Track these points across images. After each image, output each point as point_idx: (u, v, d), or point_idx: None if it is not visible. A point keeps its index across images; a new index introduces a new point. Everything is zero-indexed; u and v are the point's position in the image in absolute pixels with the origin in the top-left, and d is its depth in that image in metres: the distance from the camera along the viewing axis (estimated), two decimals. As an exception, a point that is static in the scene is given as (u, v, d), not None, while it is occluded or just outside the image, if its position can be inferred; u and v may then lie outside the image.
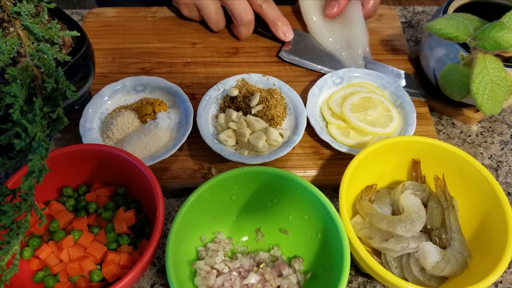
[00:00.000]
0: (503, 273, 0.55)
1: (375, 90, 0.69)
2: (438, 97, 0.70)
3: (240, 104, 0.66)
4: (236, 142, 0.64)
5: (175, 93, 0.66)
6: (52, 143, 0.64)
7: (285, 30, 0.74)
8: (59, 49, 0.52)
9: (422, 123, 0.68)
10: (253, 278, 0.51)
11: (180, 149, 0.63)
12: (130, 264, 0.51)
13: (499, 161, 0.68)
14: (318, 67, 0.74)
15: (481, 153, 0.69)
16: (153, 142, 0.61)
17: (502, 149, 0.69)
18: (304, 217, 0.54)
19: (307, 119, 0.64)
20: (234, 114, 0.64)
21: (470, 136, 0.70)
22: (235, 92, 0.66)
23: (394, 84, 0.69)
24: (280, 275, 0.53)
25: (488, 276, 0.46)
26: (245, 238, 0.57)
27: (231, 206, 0.56)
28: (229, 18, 0.76)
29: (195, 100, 0.68)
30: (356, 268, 0.57)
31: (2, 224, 0.42)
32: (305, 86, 0.72)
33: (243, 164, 0.61)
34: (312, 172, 0.63)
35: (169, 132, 0.63)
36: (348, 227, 0.49)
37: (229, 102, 0.67)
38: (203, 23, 0.79)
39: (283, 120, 0.66)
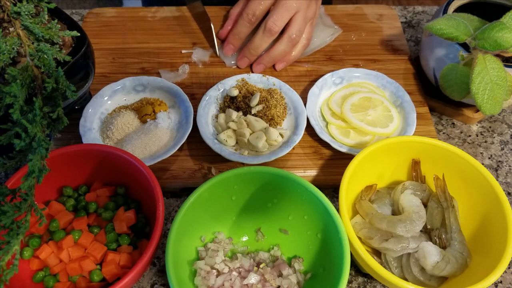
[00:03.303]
0: (503, 273, 0.55)
1: (375, 90, 0.69)
2: (438, 97, 0.70)
3: (240, 104, 0.66)
4: (236, 142, 0.64)
5: (175, 93, 0.66)
6: (52, 143, 0.64)
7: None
8: (59, 49, 0.52)
9: (422, 123, 0.68)
10: (253, 278, 0.51)
11: (180, 149, 0.63)
12: (130, 264, 0.51)
13: (499, 161, 0.68)
14: None
15: (481, 153, 0.69)
16: (153, 142, 0.61)
17: (502, 149, 0.69)
18: (304, 217, 0.54)
19: (307, 119, 0.64)
20: (234, 114, 0.64)
21: (470, 136, 0.70)
22: (235, 92, 0.66)
23: (394, 84, 0.69)
24: (280, 275, 0.53)
25: (488, 276, 0.46)
26: (245, 238, 0.57)
27: (231, 206, 0.56)
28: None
29: (195, 100, 0.68)
30: (356, 268, 0.57)
31: (2, 224, 0.42)
32: (305, 86, 0.72)
33: (243, 164, 0.61)
34: (312, 172, 0.63)
35: (169, 132, 0.63)
36: (348, 227, 0.49)
37: (229, 102, 0.67)
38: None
39: (283, 120, 0.66)
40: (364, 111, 0.65)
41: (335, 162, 0.64)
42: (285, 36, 0.69)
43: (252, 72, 0.73)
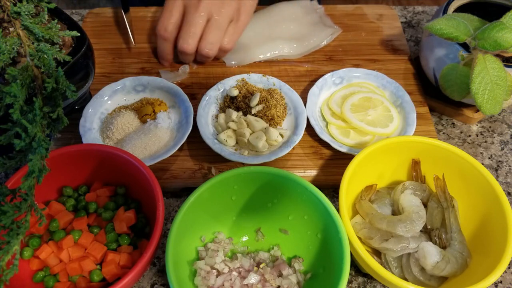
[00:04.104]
0: (503, 273, 0.55)
1: (375, 90, 0.69)
2: (438, 97, 0.70)
3: (240, 104, 0.66)
4: (236, 142, 0.64)
5: (175, 93, 0.66)
6: (52, 143, 0.64)
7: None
8: (59, 49, 0.52)
9: (422, 123, 0.68)
10: (253, 278, 0.51)
11: (180, 149, 0.63)
12: (130, 264, 0.51)
13: (499, 161, 0.68)
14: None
15: (481, 153, 0.69)
16: (153, 142, 0.61)
17: (502, 149, 0.69)
18: (304, 217, 0.54)
19: (307, 119, 0.64)
20: (234, 114, 0.64)
21: (470, 136, 0.70)
22: (235, 92, 0.66)
23: (394, 84, 0.69)
24: (280, 275, 0.53)
25: (488, 276, 0.46)
26: (245, 238, 0.57)
27: (231, 206, 0.56)
28: None
29: (195, 100, 0.68)
30: (356, 268, 0.57)
31: (2, 224, 0.42)
32: (305, 86, 0.72)
33: (243, 164, 0.61)
34: (312, 172, 0.63)
35: (169, 132, 0.63)
36: (348, 227, 0.49)
37: (229, 102, 0.67)
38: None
39: (283, 120, 0.66)
40: (364, 111, 0.65)
41: (335, 162, 0.64)
42: (198, 52, 0.69)
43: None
